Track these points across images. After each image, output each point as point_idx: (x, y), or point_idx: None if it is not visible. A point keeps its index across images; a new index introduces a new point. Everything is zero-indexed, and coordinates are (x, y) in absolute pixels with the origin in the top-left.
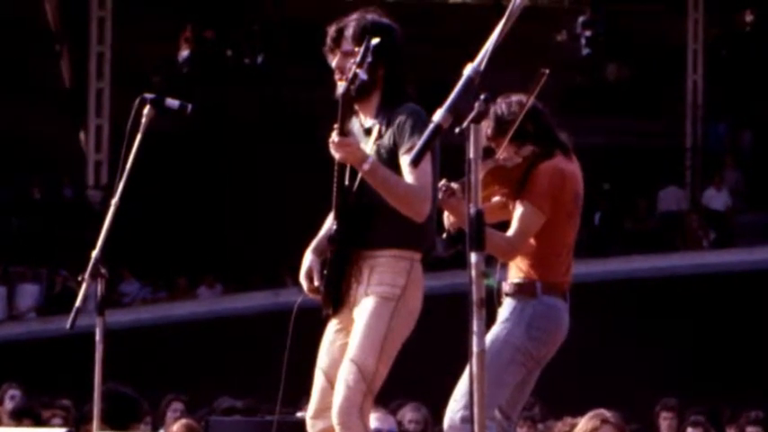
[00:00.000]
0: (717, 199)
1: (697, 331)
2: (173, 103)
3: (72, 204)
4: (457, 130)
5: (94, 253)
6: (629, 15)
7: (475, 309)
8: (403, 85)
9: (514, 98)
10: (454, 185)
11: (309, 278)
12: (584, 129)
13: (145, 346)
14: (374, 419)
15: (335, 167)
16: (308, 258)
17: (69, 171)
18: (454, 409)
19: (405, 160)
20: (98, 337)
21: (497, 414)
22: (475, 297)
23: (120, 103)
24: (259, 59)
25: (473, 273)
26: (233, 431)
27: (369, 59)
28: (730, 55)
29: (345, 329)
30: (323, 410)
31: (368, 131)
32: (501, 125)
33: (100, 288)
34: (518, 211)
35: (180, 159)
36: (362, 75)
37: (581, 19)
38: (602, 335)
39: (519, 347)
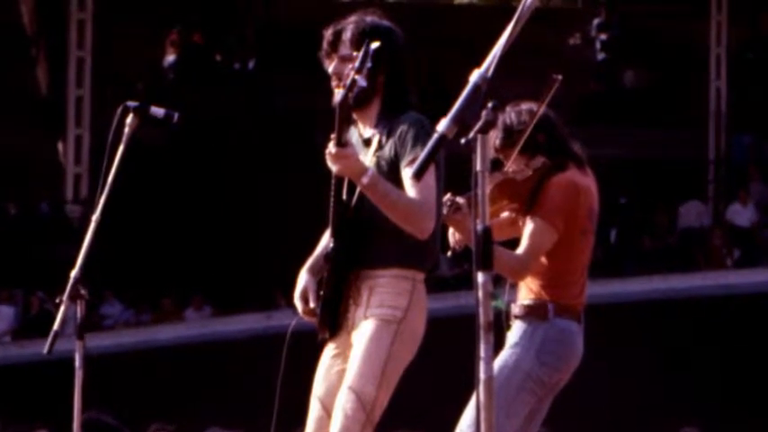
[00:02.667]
0: (741, 214)
1: (721, 355)
2: (158, 111)
3: (49, 220)
4: (463, 140)
5: (73, 272)
6: (646, 17)
7: (482, 332)
8: (404, 92)
9: (524, 106)
10: (460, 200)
11: (304, 299)
12: (599, 139)
13: (128, 372)
14: None
15: (333, 181)
16: (302, 278)
17: (46, 185)
18: None
19: (407, 173)
20: (77, 362)
21: None
22: (482, 320)
23: (101, 111)
24: (250, 65)
25: (480, 294)
26: None
27: (368, 65)
28: (756, 60)
29: (343, 354)
30: None
31: (367, 142)
32: (510, 135)
33: (79, 310)
34: (528, 227)
35: (165, 171)
36: (361, 81)
37: (596, 21)
38: (619, 360)
39: (529, 374)
